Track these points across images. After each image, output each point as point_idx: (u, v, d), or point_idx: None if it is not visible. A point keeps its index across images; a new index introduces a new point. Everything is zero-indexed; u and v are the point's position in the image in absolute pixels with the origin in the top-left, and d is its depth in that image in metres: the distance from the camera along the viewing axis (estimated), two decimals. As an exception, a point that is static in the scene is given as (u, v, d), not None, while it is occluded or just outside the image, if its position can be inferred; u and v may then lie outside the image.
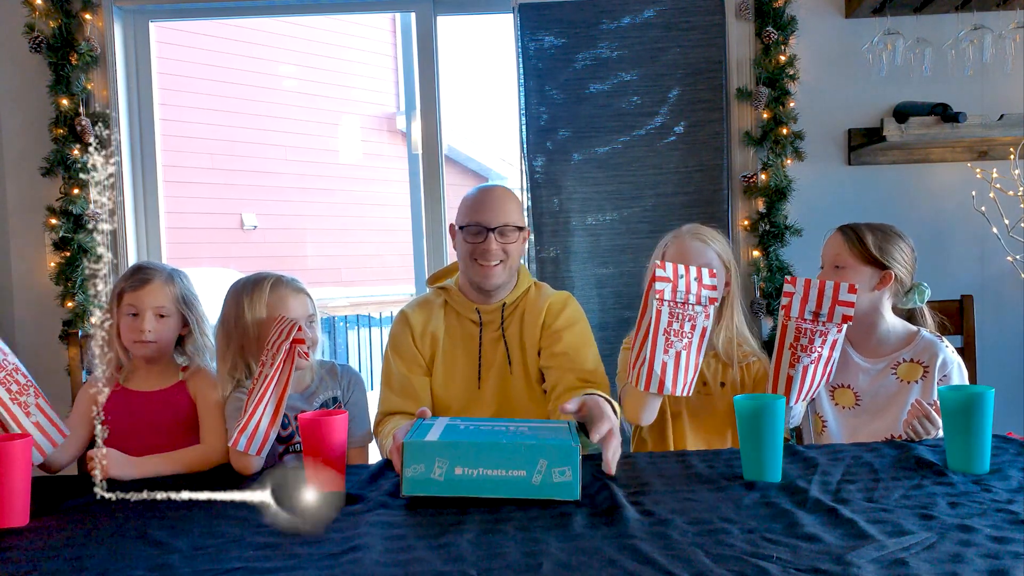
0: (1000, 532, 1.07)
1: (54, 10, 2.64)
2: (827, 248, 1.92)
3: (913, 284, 1.86)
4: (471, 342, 1.83)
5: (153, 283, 1.71)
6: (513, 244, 1.80)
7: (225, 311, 1.76)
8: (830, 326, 1.57)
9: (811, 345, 1.58)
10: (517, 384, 1.81)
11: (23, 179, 2.74)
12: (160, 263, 1.87)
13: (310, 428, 1.34)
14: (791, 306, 1.60)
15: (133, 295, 1.70)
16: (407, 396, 1.81)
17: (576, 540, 1.09)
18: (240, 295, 1.74)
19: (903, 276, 1.84)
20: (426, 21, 2.85)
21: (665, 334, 1.52)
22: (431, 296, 1.91)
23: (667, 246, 1.84)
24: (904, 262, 1.84)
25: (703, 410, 1.81)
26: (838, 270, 1.85)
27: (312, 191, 7.50)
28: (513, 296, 1.85)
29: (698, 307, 1.53)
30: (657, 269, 1.52)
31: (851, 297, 1.56)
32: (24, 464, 1.26)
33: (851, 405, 1.85)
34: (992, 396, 1.37)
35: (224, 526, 1.21)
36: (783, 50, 2.65)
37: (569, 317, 1.83)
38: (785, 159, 2.66)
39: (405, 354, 1.84)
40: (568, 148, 2.72)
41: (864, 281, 1.81)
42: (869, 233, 1.84)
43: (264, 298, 1.72)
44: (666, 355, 1.53)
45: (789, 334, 1.60)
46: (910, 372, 1.81)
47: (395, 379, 1.83)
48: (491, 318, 1.84)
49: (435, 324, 1.85)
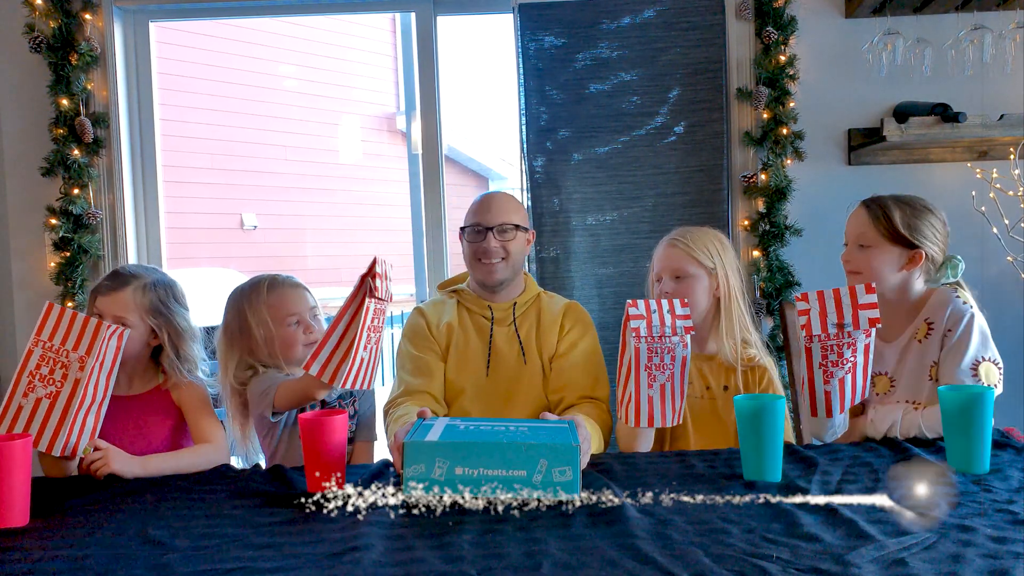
0: (1000, 532, 1.07)
1: (54, 10, 2.64)
2: (851, 224, 1.78)
3: (946, 258, 1.73)
4: (483, 334, 1.89)
5: (121, 292, 1.68)
6: (512, 242, 1.87)
7: (226, 320, 1.79)
8: (857, 334, 1.46)
9: (841, 359, 1.48)
10: (527, 373, 1.86)
11: (23, 179, 2.74)
12: (146, 269, 1.79)
13: (310, 428, 1.34)
14: (811, 324, 1.47)
15: (102, 300, 1.69)
16: (422, 374, 1.84)
17: (576, 540, 1.09)
18: (239, 303, 1.77)
19: (934, 254, 1.71)
20: (426, 21, 2.85)
21: (647, 369, 1.53)
22: (444, 296, 1.98)
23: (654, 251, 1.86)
24: (935, 239, 1.71)
25: (707, 414, 1.80)
26: (863, 249, 1.73)
27: (312, 191, 7.50)
28: (524, 297, 1.93)
29: (675, 338, 1.53)
30: (630, 308, 1.53)
31: (871, 298, 1.45)
32: (24, 464, 1.26)
33: (886, 390, 1.74)
34: (992, 396, 1.37)
35: (224, 526, 1.21)
36: (783, 50, 2.65)
37: (584, 324, 1.92)
38: (785, 159, 2.66)
39: (420, 341, 1.88)
40: (568, 148, 2.73)
41: (892, 261, 1.70)
42: (896, 208, 1.71)
43: (263, 299, 1.74)
44: (651, 390, 1.54)
45: (815, 354, 1.49)
46: (921, 333, 1.70)
47: (409, 360, 1.87)
48: (503, 315, 1.90)
49: (449, 316, 1.91)
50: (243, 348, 1.75)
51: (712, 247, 1.80)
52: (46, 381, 1.45)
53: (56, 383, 1.45)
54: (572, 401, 1.83)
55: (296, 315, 1.75)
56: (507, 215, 1.87)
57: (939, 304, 1.69)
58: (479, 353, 1.87)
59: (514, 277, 1.92)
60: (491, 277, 1.87)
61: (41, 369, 1.46)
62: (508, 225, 1.86)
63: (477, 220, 1.88)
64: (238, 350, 1.75)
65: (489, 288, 1.90)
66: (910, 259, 1.70)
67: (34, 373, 1.46)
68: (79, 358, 1.45)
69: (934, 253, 1.71)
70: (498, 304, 1.91)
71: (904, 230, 1.69)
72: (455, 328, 1.89)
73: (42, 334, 1.47)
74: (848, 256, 1.78)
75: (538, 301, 1.94)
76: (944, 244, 1.73)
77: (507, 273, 1.88)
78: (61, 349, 1.46)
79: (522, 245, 1.91)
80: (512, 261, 1.88)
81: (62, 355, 1.46)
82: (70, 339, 1.46)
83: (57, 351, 1.46)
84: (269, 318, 1.73)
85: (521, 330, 1.89)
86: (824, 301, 1.48)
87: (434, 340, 1.88)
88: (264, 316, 1.73)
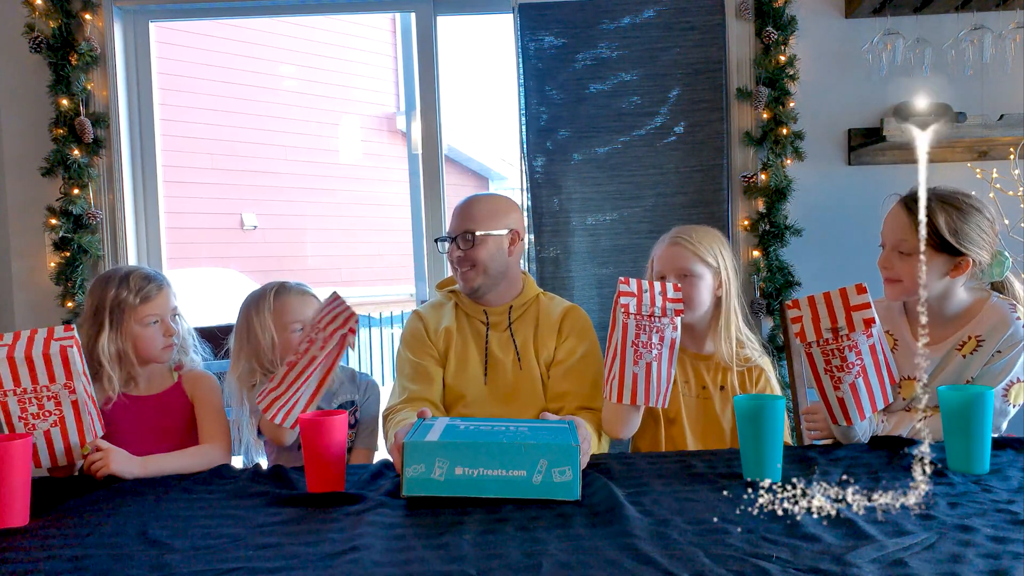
0: (1000, 532, 1.07)
1: (54, 10, 2.64)
2: (888, 226, 1.62)
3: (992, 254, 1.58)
4: (480, 339, 1.86)
5: (164, 288, 1.75)
6: (476, 249, 1.81)
7: (238, 324, 1.84)
8: (856, 336, 1.42)
9: (845, 363, 1.44)
10: (525, 379, 1.83)
11: (23, 179, 2.74)
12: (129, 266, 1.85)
13: (310, 428, 1.35)
14: (804, 331, 1.43)
15: (151, 305, 1.71)
16: (421, 380, 1.82)
17: (576, 540, 1.09)
18: (249, 310, 1.82)
19: (983, 259, 1.55)
20: (426, 21, 2.85)
21: (633, 346, 1.52)
22: (442, 298, 1.95)
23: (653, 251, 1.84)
24: (984, 242, 1.54)
25: (702, 414, 1.80)
26: (903, 256, 1.58)
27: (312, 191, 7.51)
28: (521, 300, 1.89)
29: (664, 319, 1.51)
30: (621, 284, 1.53)
31: (864, 298, 1.39)
32: (24, 464, 1.26)
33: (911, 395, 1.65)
34: (992, 396, 1.37)
35: (224, 526, 1.21)
36: (783, 50, 2.65)
37: (583, 330, 1.88)
38: (785, 159, 2.66)
39: (419, 347, 1.86)
40: (568, 148, 2.73)
41: (935, 269, 1.54)
42: (941, 212, 1.54)
43: (268, 308, 1.80)
44: (636, 367, 1.53)
45: (818, 361, 1.45)
46: (966, 347, 1.58)
47: (408, 366, 1.85)
48: (498, 319, 1.87)
49: (448, 321, 1.88)
50: (250, 351, 1.80)
51: (715, 246, 1.79)
52: (42, 416, 1.44)
53: (55, 412, 1.44)
54: (571, 411, 1.78)
55: (300, 322, 1.78)
56: (469, 222, 1.83)
57: (998, 323, 1.56)
58: (476, 359, 1.84)
59: (495, 283, 1.85)
60: (464, 285, 1.86)
61: (29, 410, 1.43)
62: (469, 234, 1.81)
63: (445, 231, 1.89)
64: (246, 353, 1.81)
65: (470, 295, 1.87)
66: (956, 266, 1.54)
67: (24, 417, 1.43)
68: (64, 385, 1.43)
69: (983, 258, 1.55)
70: (492, 308, 1.88)
71: (950, 237, 1.52)
72: (453, 333, 1.86)
73: (4, 386, 1.40)
74: (886, 262, 1.62)
75: (536, 304, 1.90)
76: (993, 244, 1.57)
77: (481, 280, 1.83)
78: (39, 388, 1.42)
79: (494, 250, 1.83)
80: (484, 268, 1.82)
81: (43, 391, 1.43)
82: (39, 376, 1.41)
83: (36, 391, 1.42)
84: (273, 324, 1.79)
85: (517, 335, 1.85)
86: (815, 306, 1.44)
87: (432, 345, 1.85)
88: (268, 322, 1.79)
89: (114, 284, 1.70)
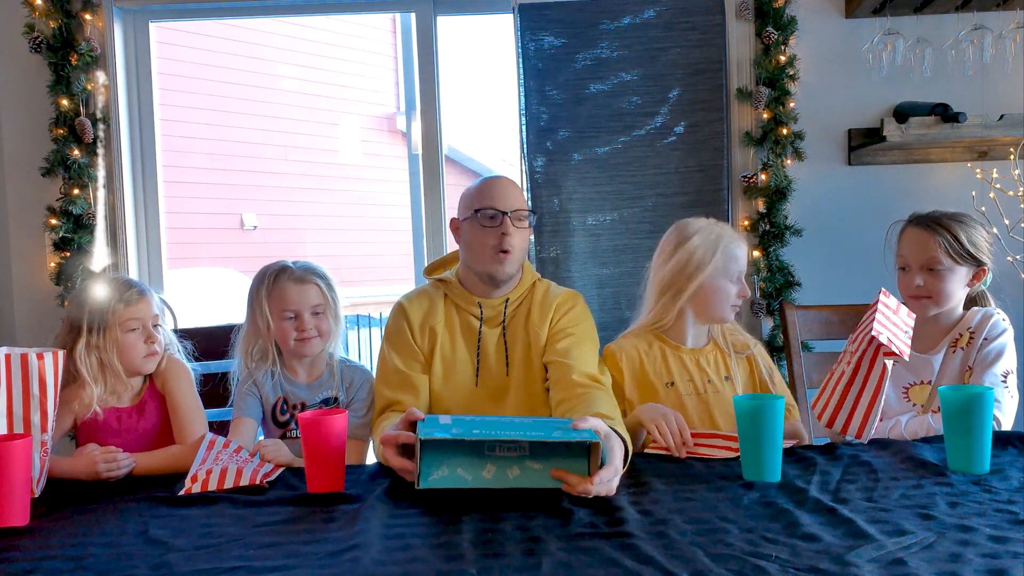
0: (1000, 532, 1.07)
1: (54, 10, 2.64)
2: (912, 248, 1.78)
3: None
4: (471, 337, 1.75)
5: (146, 295, 1.74)
6: (524, 231, 1.72)
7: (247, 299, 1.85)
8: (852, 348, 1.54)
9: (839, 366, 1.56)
10: (515, 385, 1.73)
11: (23, 179, 2.74)
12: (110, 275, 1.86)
13: (310, 428, 1.34)
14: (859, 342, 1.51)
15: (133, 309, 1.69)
16: (405, 390, 1.71)
17: (576, 540, 1.09)
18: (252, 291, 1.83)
19: (993, 267, 1.77)
20: (426, 21, 2.85)
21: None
22: (429, 288, 1.82)
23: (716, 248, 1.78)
24: (990, 250, 1.76)
25: (711, 406, 1.78)
26: (933, 273, 1.74)
27: (312, 191, 7.50)
28: (517, 293, 1.76)
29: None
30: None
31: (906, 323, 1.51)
32: (24, 464, 1.26)
33: (923, 400, 1.77)
34: (992, 396, 1.37)
35: (224, 526, 1.21)
36: (783, 50, 2.65)
37: (577, 316, 1.76)
38: (785, 159, 2.66)
39: (403, 349, 1.74)
40: (568, 148, 2.72)
41: (961, 280, 1.74)
42: (960, 229, 1.73)
43: (266, 293, 1.79)
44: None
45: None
46: (960, 341, 1.76)
47: (392, 375, 1.73)
48: (493, 313, 1.75)
49: (434, 317, 1.75)
50: (253, 330, 1.81)
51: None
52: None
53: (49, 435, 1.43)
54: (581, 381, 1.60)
55: (292, 311, 1.76)
56: (521, 201, 1.73)
57: (983, 318, 1.75)
58: (467, 359, 1.73)
59: (518, 272, 1.76)
60: (502, 269, 1.68)
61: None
62: (523, 212, 1.70)
63: (492, 203, 1.67)
64: (251, 336, 1.82)
65: (494, 283, 1.73)
66: (975, 276, 1.76)
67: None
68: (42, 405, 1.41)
69: (992, 267, 1.77)
70: (490, 301, 1.75)
71: (972, 248, 1.73)
72: (440, 332, 1.73)
73: None
74: (907, 280, 1.77)
75: (531, 293, 1.77)
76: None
77: (516, 266, 1.72)
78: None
79: (528, 236, 1.76)
80: (522, 251, 1.73)
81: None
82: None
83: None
84: (268, 310, 1.78)
85: (509, 331, 1.74)
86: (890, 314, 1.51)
87: (417, 349, 1.73)
88: (265, 307, 1.78)
89: (96, 291, 1.69)
